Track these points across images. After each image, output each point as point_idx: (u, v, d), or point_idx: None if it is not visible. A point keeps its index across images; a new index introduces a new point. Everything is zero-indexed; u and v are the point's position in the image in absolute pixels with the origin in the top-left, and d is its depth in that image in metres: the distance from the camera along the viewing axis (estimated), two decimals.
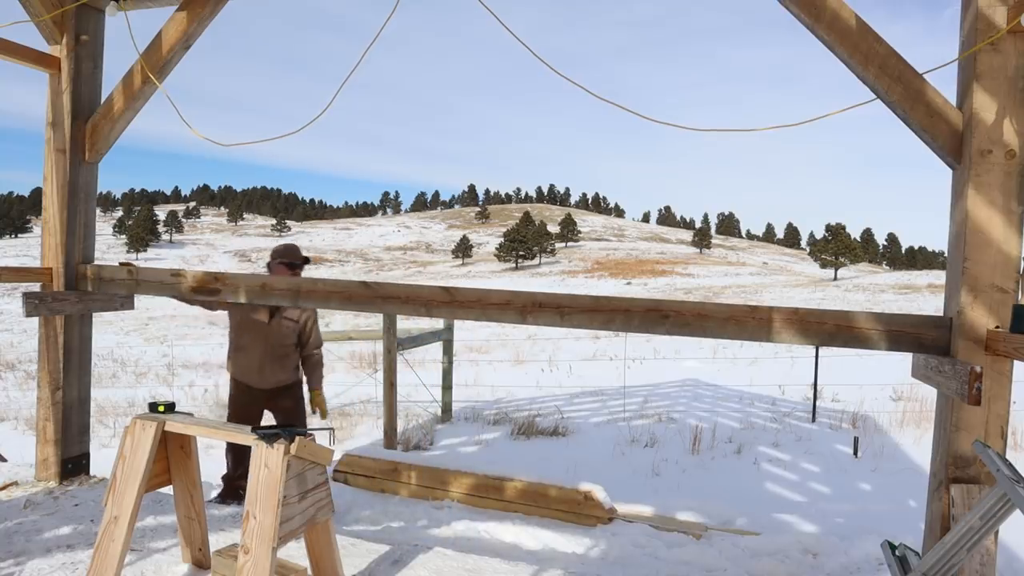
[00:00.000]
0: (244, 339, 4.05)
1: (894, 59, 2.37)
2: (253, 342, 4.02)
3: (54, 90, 3.71)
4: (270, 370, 4.06)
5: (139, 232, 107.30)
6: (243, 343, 4.05)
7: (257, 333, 4.01)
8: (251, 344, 4.02)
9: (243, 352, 4.05)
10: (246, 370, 4.05)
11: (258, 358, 4.02)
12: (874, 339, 2.43)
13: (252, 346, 4.02)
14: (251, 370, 4.04)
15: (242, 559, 2.18)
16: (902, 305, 34.20)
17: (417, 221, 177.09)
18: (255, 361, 4.03)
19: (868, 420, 7.11)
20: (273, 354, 4.05)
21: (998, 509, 1.79)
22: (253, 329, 4.02)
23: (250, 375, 4.05)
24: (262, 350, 4.02)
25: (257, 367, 4.03)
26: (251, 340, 4.02)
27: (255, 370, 4.04)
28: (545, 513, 4.05)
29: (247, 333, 4.03)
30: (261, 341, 4.01)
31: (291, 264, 4.08)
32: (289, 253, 4.14)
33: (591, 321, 2.76)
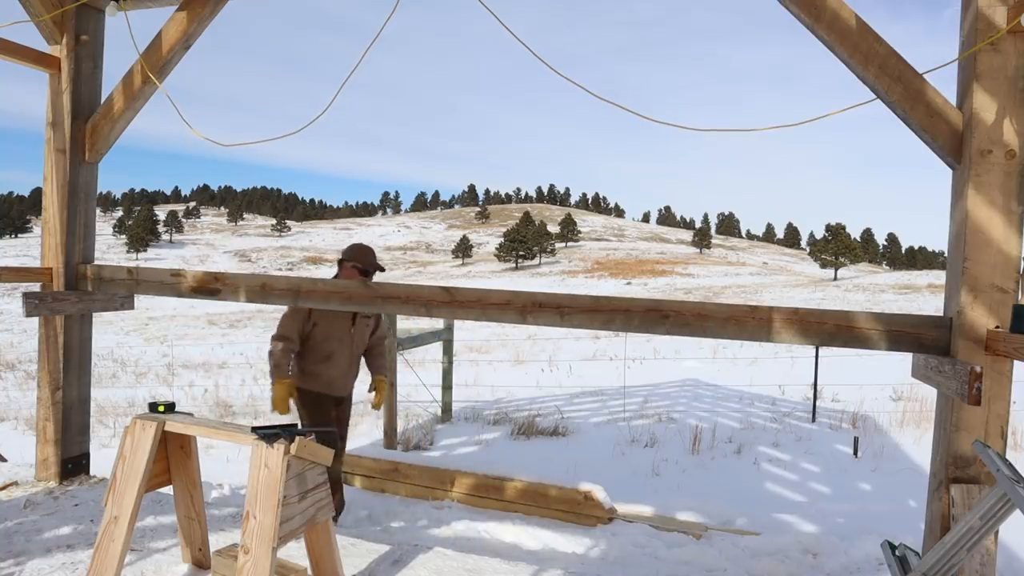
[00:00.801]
0: (330, 347, 3.71)
1: (894, 59, 2.37)
2: (339, 350, 3.73)
3: (54, 90, 3.71)
4: (351, 376, 3.87)
5: (139, 232, 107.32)
6: (329, 352, 3.71)
7: (343, 340, 3.74)
8: (338, 352, 3.73)
9: (329, 362, 3.72)
10: (331, 380, 3.74)
11: (345, 366, 3.77)
12: (874, 339, 2.43)
13: (339, 354, 3.73)
14: (336, 379, 3.76)
15: (242, 559, 2.18)
16: (902, 305, 34.21)
17: (417, 221, 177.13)
18: (342, 369, 3.76)
19: (868, 420, 7.11)
20: (354, 359, 3.85)
21: (998, 509, 1.79)
22: (339, 336, 3.72)
23: (334, 384, 3.77)
24: (348, 356, 3.78)
25: (343, 375, 3.79)
26: (337, 348, 3.72)
27: (340, 378, 3.78)
28: (545, 513, 4.05)
29: (333, 341, 3.71)
30: (347, 347, 3.76)
31: (364, 271, 3.72)
32: (363, 256, 3.76)
33: (591, 321, 2.76)
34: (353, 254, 3.77)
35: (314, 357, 3.71)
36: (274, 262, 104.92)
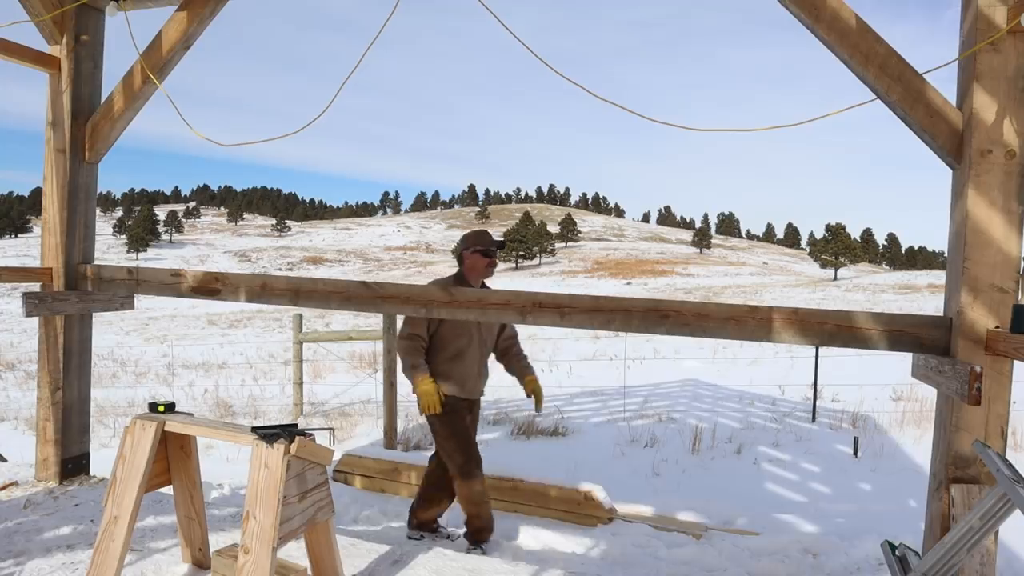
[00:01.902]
0: (460, 344, 3.45)
1: (894, 59, 2.37)
2: (469, 346, 3.47)
3: (54, 90, 3.71)
4: (483, 377, 3.60)
5: (139, 232, 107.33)
6: (459, 349, 3.46)
7: (472, 336, 3.47)
8: (467, 349, 3.47)
9: (461, 360, 3.46)
10: (464, 380, 3.48)
11: (477, 363, 3.52)
12: (874, 339, 2.43)
13: (469, 351, 3.47)
14: (469, 379, 3.50)
15: (242, 559, 2.18)
16: (902, 305, 34.21)
17: (417, 221, 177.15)
18: (474, 367, 3.51)
19: (868, 420, 7.11)
20: (484, 358, 3.58)
21: (998, 509, 1.79)
22: (467, 332, 3.46)
23: (467, 385, 3.50)
24: (478, 354, 3.51)
25: (476, 374, 3.53)
26: (467, 344, 3.46)
27: (473, 378, 3.52)
28: (545, 513, 4.05)
29: (462, 338, 3.45)
30: (477, 343, 3.50)
31: (486, 252, 3.49)
32: (482, 239, 3.54)
33: (591, 321, 2.76)
34: (470, 240, 3.55)
35: (443, 355, 3.46)
36: (274, 262, 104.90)
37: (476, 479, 3.42)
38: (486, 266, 3.48)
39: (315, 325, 23.50)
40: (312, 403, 8.43)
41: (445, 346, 3.44)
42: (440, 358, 3.45)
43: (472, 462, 3.43)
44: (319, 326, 23.34)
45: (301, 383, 7.99)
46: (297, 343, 8.06)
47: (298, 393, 7.92)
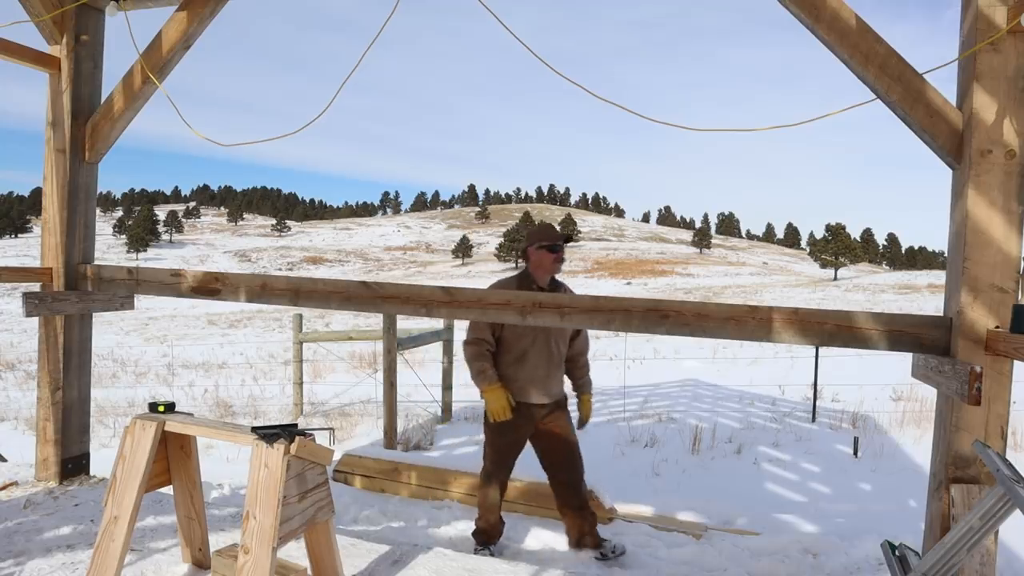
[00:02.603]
0: (523, 345, 3.34)
1: (894, 59, 2.37)
2: (535, 348, 3.35)
3: (54, 90, 3.71)
4: (553, 380, 3.43)
5: (139, 232, 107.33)
6: (523, 350, 3.34)
7: (538, 337, 3.35)
8: (532, 351, 3.35)
9: (524, 363, 3.34)
10: (528, 383, 3.36)
11: (544, 366, 3.37)
12: (874, 339, 2.43)
13: (535, 352, 3.35)
14: (535, 382, 3.36)
15: (242, 559, 2.18)
16: (902, 305, 34.22)
17: (417, 221, 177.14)
18: (540, 370, 3.36)
19: (868, 420, 7.11)
20: (554, 360, 3.42)
21: (998, 509, 1.79)
22: (533, 333, 3.34)
23: (533, 389, 3.36)
24: (546, 357, 3.37)
25: (543, 377, 3.38)
26: (530, 345, 3.35)
27: (540, 381, 3.37)
28: (545, 513, 4.05)
29: (526, 339, 3.34)
30: (544, 346, 3.37)
31: (551, 247, 3.37)
32: (546, 233, 3.43)
33: (591, 321, 2.76)
34: (535, 236, 3.43)
35: (507, 358, 3.36)
36: (274, 262, 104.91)
37: (494, 487, 3.44)
38: (553, 261, 3.36)
39: (315, 325, 23.51)
40: (312, 403, 8.43)
41: (509, 348, 3.36)
42: (504, 361, 3.37)
43: (500, 472, 3.45)
44: (319, 326, 23.35)
45: (301, 383, 7.99)
46: (297, 343, 8.06)
47: (298, 393, 7.93)
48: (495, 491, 3.45)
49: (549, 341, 3.37)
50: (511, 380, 3.35)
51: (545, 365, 3.37)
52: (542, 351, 3.36)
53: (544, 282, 3.39)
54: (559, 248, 3.37)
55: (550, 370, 3.39)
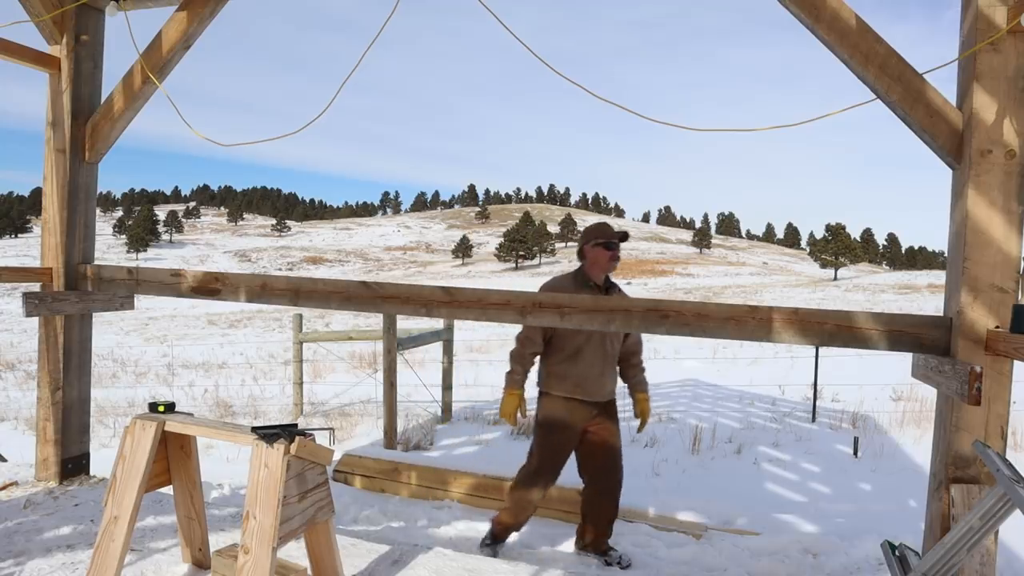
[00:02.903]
0: (578, 342, 3.28)
1: (894, 59, 2.37)
2: (589, 345, 3.29)
3: (54, 90, 3.71)
4: (607, 378, 3.36)
5: (139, 232, 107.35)
6: (577, 347, 3.28)
7: (594, 334, 3.29)
8: (587, 348, 3.28)
9: (578, 360, 3.29)
10: (581, 381, 3.28)
11: (598, 364, 3.30)
12: (874, 339, 2.43)
13: (588, 350, 3.29)
14: (589, 380, 3.28)
15: (242, 559, 2.18)
16: (902, 305, 34.22)
17: (417, 221, 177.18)
18: (595, 368, 3.29)
19: (868, 420, 7.11)
20: (608, 359, 3.35)
21: (998, 509, 1.79)
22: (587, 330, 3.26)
23: (586, 386, 3.29)
24: (600, 354, 3.30)
25: (596, 375, 3.30)
26: (585, 342, 3.28)
27: (594, 379, 3.29)
28: (545, 513, 4.05)
29: (581, 335, 3.28)
30: (598, 343, 3.30)
31: (607, 244, 3.31)
32: (602, 231, 3.37)
33: (591, 321, 2.76)
34: (591, 234, 3.38)
35: (560, 355, 3.31)
36: (274, 262, 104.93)
37: (535, 491, 3.33)
38: (609, 259, 3.30)
39: (315, 325, 23.51)
40: (312, 403, 8.43)
41: (563, 345, 3.30)
42: (557, 358, 3.32)
43: (543, 476, 3.32)
44: (319, 326, 23.35)
45: (301, 383, 7.99)
46: (297, 343, 8.06)
47: (298, 393, 7.93)
48: (537, 492, 3.33)
49: (604, 339, 3.31)
50: (564, 377, 3.29)
51: (599, 363, 3.31)
52: (596, 349, 3.29)
53: (599, 280, 3.33)
54: (615, 246, 3.33)
55: (604, 368, 3.33)
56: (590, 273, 3.34)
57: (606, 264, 3.31)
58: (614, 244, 3.33)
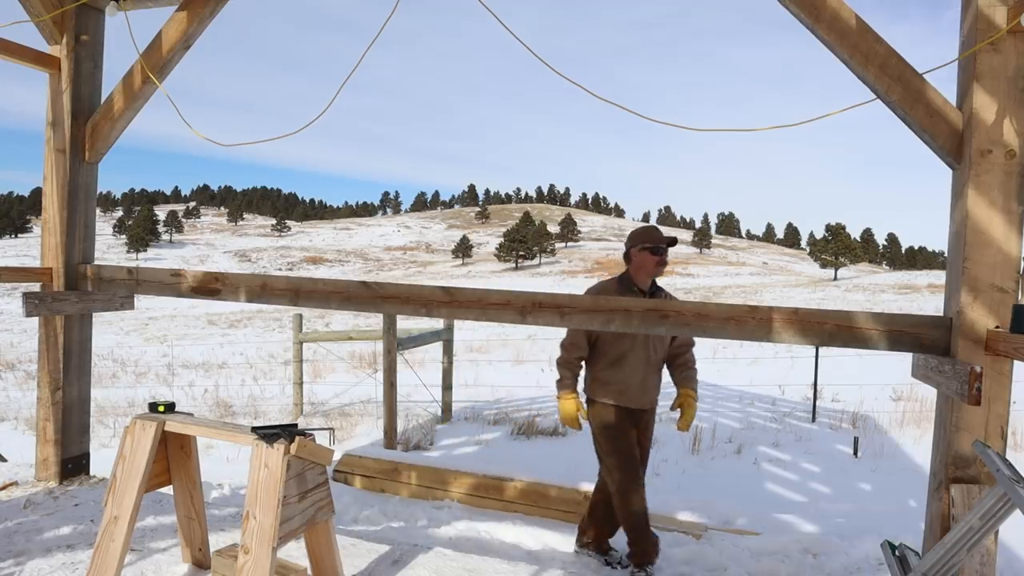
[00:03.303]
0: (621, 349, 3.21)
1: (894, 59, 2.37)
2: (633, 352, 3.22)
3: (54, 90, 3.71)
4: (650, 386, 3.29)
5: (139, 232, 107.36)
6: (620, 354, 3.22)
7: (636, 339, 3.21)
8: (631, 354, 3.21)
9: (621, 366, 3.22)
10: (624, 388, 3.23)
11: (641, 370, 3.23)
12: (874, 339, 2.43)
13: (632, 357, 3.21)
14: (631, 387, 3.23)
15: (242, 559, 2.18)
16: (902, 305, 34.22)
17: (417, 221, 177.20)
18: (638, 375, 3.23)
19: (868, 420, 7.11)
20: (652, 366, 3.28)
21: (998, 509, 1.79)
22: (631, 336, 3.19)
23: (629, 394, 3.23)
24: (643, 361, 3.23)
25: (640, 382, 3.24)
26: (630, 349, 3.22)
27: (637, 386, 3.24)
28: (545, 513, 4.05)
29: (624, 341, 3.21)
30: (642, 349, 3.22)
31: (654, 249, 3.20)
32: (650, 235, 3.25)
33: (591, 321, 2.76)
34: (637, 237, 3.27)
35: (604, 361, 3.26)
36: (274, 262, 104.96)
37: (635, 498, 3.21)
38: (655, 264, 3.20)
39: (315, 325, 23.51)
40: (312, 403, 8.43)
41: (606, 352, 3.24)
42: (600, 364, 3.27)
43: (632, 481, 3.21)
44: (319, 326, 23.35)
45: (301, 383, 7.99)
46: (297, 343, 8.06)
47: (298, 393, 7.93)
48: (638, 499, 3.19)
49: (648, 345, 3.24)
50: (608, 384, 3.24)
51: (642, 369, 3.24)
52: (640, 355, 3.22)
53: (645, 285, 3.24)
54: (662, 251, 3.21)
55: (647, 375, 3.26)
56: (636, 277, 3.25)
57: (652, 269, 3.21)
58: (661, 249, 3.21)
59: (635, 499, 3.18)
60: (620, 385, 3.23)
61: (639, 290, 3.24)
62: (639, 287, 3.24)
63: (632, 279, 3.26)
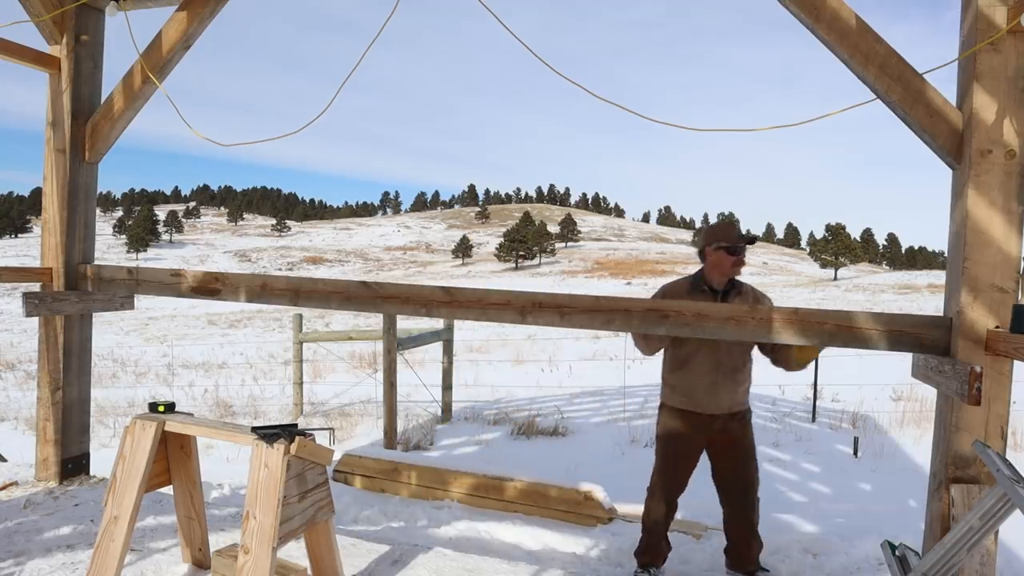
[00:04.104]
0: (687, 350, 3.10)
1: (894, 59, 2.37)
2: (699, 353, 3.08)
3: (54, 90, 3.71)
4: (724, 389, 3.12)
5: (139, 232, 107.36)
6: (686, 355, 3.11)
7: (703, 342, 3.03)
8: (697, 356, 3.09)
9: (687, 369, 3.11)
10: (690, 391, 3.11)
11: (708, 374, 3.09)
12: (874, 339, 2.43)
13: (699, 359, 3.09)
14: (698, 390, 3.10)
15: (242, 559, 2.18)
16: (902, 305, 34.20)
17: (417, 221, 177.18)
18: (704, 378, 3.09)
19: (868, 420, 7.11)
20: (723, 369, 3.10)
21: (998, 509, 1.79)
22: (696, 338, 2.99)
23: (695, 397, 3.10)
24: (711, 363, 3.09)
25: (708, 385, 3.09)
26: (694, 351, 3.08)
27: (704, 389, 3.09)
28: (545, 513, 4.05)
29: (691, 342, 3.07)
30: (709, 352, 3.07)
31: (732, 249, 3.00)
32: (726, 233, 3.06)
33: (591, 321, 2.76)
34: (713, 235, 3.07)
35: (671, 363, 3.17)
36: (274, 262, 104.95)
37: (659, 507, 3.18)
38: (732, 265, 3.02)
39: (315, 325, 23.50)
40: (312, 403, 8.43)
41: (674, 353, 3.16)
42: (668, 366, 3.20)
43: (664, 491, 3.17)
44: (319, 326, 23.34)
45: (301, 383, 7.99)
46: (297, 343, 8.06)
47: (298, 393, 7.93)
48: (659, 507, 3.17)
49: (717, 348, 3.07)
50: (674, 387, 3.17)
51: (710, 373, 3.09)
52: (706, 358, 3.08)
53: (719, 285, 3.06)
54: (740, 251, 3.02)
55: (716, 378, 3.09)
56: (709, 277, 3.08)
57: (728, 269, 3.03)
58: (739, 249, 3.02)
59: (659, 508, 3.19)
60: (685, 388, 3.12)
61: (711, 290, 3.07)
62: (712, 287, 3.07)
63: (706, 278, 3.10)
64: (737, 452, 3.20)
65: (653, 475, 3.25)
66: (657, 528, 3.20)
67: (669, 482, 3.20)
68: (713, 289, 3.07)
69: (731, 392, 3.15)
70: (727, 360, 3.12)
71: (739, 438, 3.22)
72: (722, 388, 3.12)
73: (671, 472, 3.20)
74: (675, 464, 3.19)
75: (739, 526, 3.20)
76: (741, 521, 3.19)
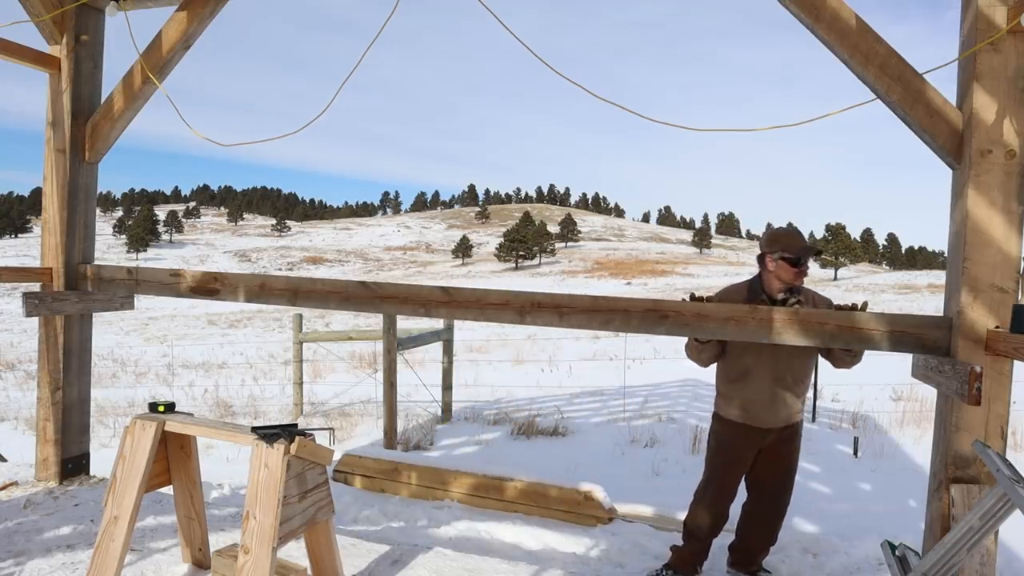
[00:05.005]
0: (745, 362, 2.98)
1: (894, 59, 2.37)
2: (757, 366, 2.95)
3: (54, 90, 3.71)
4: (780, 403, 2.99)
5: (139, 232, 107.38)
6: (744, 368, 2.98)
7: (764, 353, 2.92)
8: (755, 368, 2.96)
9: (745, 382, 2.99)
10: (748, 405, 3.00)
11: (768, 388, 2.96)
12: (875, 339, 2.43)
13: (758, 372, 2.96)
14: (756, 404, 2.98)
15: (242, 559, 2.18)
16: (902, 305, 34.21)
17: (417, 221, 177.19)
18: (764, 393, 2.96)
19: (868, 420, 7.11)
20: (782, 382, 2.97)
21: (998, 509, 1.79)
22: (755, 349, 2.92)
23: (754, 411, 2.99)
24: (771, 376, 2.95)
25: (767, 400, 2.97)
26: (753, 363, 2.95)
27: (763, 404, 2.98)
28: (545, 513, 4.05)
29: (749, 355, 2.95)
30: (769, 364, 2.94)
31: (794, 260, 2.85)
32: (790, 243, 2.89)
33: (590, 321, 2.76)
34: (776, 242, 2.91)
35: (729, 375, 3.06)
36: (274, 262, 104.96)
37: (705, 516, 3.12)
38: (794, 276, 2.87)
39: (315, 325, 23.50)
40: (312, 403, 8.43)
41: (730, 364, 3.04)
42: (724, 378, 3.09)
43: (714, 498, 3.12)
44: (319, 326, 23.35)
45: (301, 383, 7.99)
46: (297, 343, 8.06)
47: (298, 393, 7.93)
48: (705, 514, 3.11)
49: (777, 360, 2.95)
50: (731, 399, 3.06)
51: (769, 387, 2.97)
52: (766, 371, 2.96)
53: (776, 294, 2.91)
54: (802, 263, 2.87)
55: (775, 392, 2.98)
56: (768, 285, 2.95)
57: (790, 280, 2.89)
58: (802, 261, 2.87)
59: (704, 516, 3.14)
60: (743, 402, 3.02)
61: (767, 299, 2.93)
62: (769, 296, 2.94)
63: (764, 285, 2.98)
64: (783, 462, 3.14)
65: (702, 483, 3.22)
66: (700, 534, 3.16)
67: (718, 492, 3.15)
68: (771, 298, 2.93)
69: (788, 406, 3.05)
70: (787, 373, 2.99)
71: (790, 449, 3.15)
72: (780, 402, 3.01)
73: (721, 483, 3.15)
74: (725, 475, 3.13)
75: (761, 530, 3.19)
76: (764, 526, 3.18)
